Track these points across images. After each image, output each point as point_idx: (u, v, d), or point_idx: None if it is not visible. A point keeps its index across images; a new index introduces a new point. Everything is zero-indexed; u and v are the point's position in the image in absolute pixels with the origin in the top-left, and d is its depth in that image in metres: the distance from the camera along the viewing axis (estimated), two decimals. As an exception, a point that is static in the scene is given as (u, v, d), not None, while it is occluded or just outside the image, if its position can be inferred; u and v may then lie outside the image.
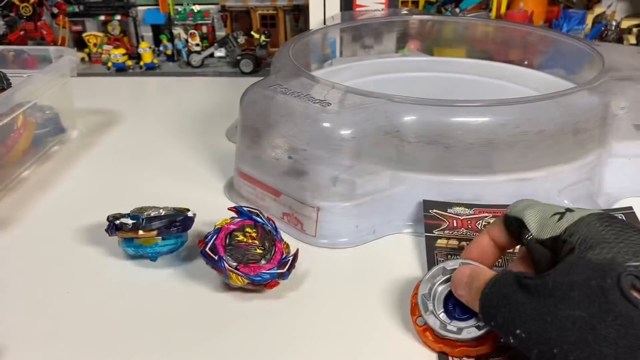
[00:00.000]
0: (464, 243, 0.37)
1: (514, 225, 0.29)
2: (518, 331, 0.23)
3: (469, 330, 0.28)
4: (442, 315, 0.29)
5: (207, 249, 0.33)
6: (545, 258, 0.27)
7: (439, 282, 0.30)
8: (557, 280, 0.23)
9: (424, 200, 0.40)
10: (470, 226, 0.38)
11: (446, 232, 0.38)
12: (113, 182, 0.50)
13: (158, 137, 0.58)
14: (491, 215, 0.39)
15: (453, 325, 0.29)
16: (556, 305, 0.22)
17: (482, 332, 0.28)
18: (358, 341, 0.31)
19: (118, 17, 0.84)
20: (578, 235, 0.25)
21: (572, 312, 0.22)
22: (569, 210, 0.27)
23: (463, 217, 0.39)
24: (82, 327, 0.32)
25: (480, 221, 0.39)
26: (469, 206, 0.39)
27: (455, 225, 0.39)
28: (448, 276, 0.30)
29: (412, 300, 0.31)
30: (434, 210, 0.39)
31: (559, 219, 0.27)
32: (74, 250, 0.39)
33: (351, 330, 0.32)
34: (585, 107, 0.40)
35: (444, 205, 0.40)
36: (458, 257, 0.33)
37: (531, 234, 0.28)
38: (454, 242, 0.37)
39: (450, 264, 0.30)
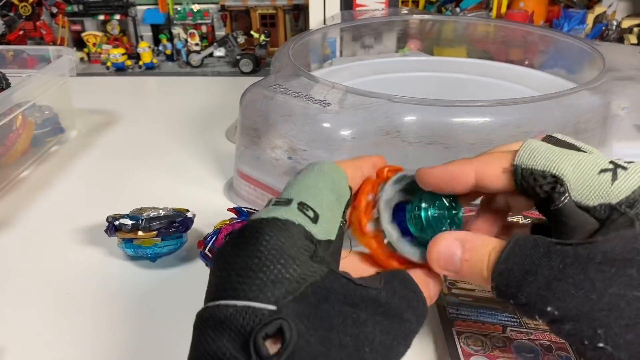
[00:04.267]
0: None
1: (526, 178, 0.22)
2: (549, 309, 0.19)
3: (422, 252, 0.23)
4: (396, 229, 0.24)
5: (206, 250, 0.33)
6: (586, 227, 0.21)
7: (397, 189, 0.25)
8: (609, 252, 0.19)
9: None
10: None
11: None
12: (112, 183, 0.49)
13: (157, 137, 0.58)
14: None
15: (407, 243, 0.24)
16: (606, 282, 0.19)
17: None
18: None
19: (117, 17, 0.83)
20: None
21: (627, 292, 0.18)
22: (618, 166, 0.21)
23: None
24: (82, 328, 0.32)
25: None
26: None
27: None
28: (406, 183, 0.25)
29: (360, 199, 0.24)
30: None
31: (613, 180, 0.20)
32: (73, 251, 0.39)
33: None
34: (586, 108, 0.40)
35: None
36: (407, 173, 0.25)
37: (568, 196, 0.21)
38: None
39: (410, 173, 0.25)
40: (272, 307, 0.17)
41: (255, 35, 0.80)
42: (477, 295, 0.32)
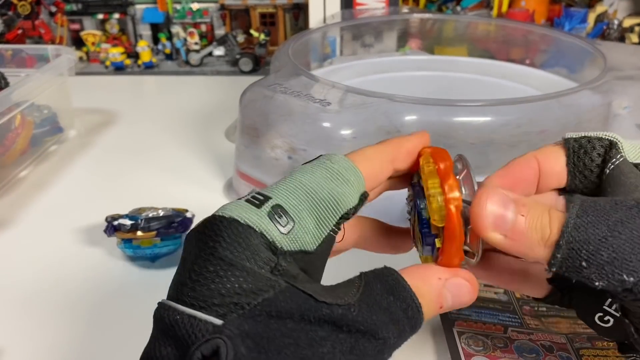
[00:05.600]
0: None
1: (578, 150, 0.21)
2: (632, 279, 0.16)
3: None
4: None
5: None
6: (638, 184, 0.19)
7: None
8: None
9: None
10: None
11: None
12: (111, 183, 0.49)
13: (157, 136, 0.58)
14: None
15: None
16: None
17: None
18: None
19: (116, 16, 0.83)
20: None
21: None
22: None
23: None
24: (81, 328, 0.32)
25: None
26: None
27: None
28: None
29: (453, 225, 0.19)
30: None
31: None
32: (72, 251, 0.39)
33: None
34: (587, 107, 0.40)
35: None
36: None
37: (623, 155, 0.21)
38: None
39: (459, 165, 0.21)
40: (218, 322, 0.15)
41: (255, 34, 0.80)
42: (479, 295, 0.32)
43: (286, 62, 0.46)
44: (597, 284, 0.17)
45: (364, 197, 0.20)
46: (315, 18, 0.68)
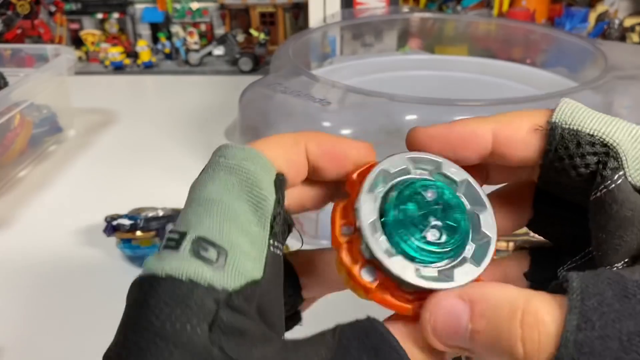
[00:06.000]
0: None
1: (567, 143, 0.15)
2: None
3: (462, 269, 0.15)
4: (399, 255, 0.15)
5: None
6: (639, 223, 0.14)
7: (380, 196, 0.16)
8: None
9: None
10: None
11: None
12: (110, 182, 0.49)
13: (156, 136, 0.58)
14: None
15: (431, 268, 0.15)
16: None
17: (482, 265, 0.15)
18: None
19: (116, 15, 0.83)
20: None
21: None
22: None
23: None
24: (80, 328, 0.32)
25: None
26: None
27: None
28: (391, 185, 0.16)
29: (335, 236, 0.16)
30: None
31: None
32: (71, 251, 0.39)
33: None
34: (588, 107, 0.40)
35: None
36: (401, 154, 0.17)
37: (623, 174, 0.14)
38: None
39: (396, 162, 0.16)
40: None
41: (255, 33, 0.80)
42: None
43: (286, 61, 0.46)
44: None
45: (279, 182, 0.15)
46: (315, 17, 0.68)
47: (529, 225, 0.18)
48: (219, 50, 0.81)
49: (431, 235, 0.15)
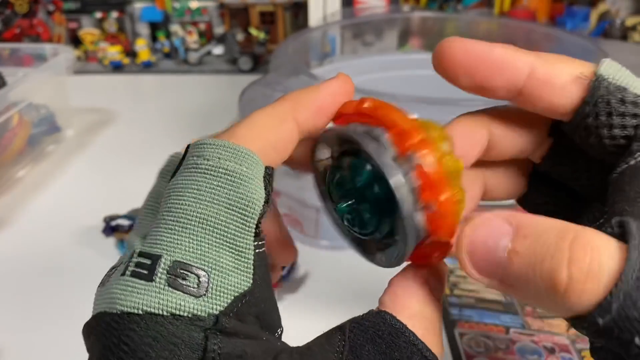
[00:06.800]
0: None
1: (609, 99, 0.14)
2: None
3: (389, 251, 0.15)
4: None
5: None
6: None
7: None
8: None
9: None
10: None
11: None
12: (109, 183, 0.49)
13: (155, 136, 0.58)
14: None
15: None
16: None
17: (407, 247, 0.14)
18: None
19: (115, 14, 0.83)
20: None
21: None
22: None
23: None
24: (79, 329, 0.32)
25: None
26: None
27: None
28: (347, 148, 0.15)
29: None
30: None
31: None
32: (70, 252, 0.39)
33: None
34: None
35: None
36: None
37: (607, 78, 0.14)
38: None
39: (358, 129, 0.14)
40: None
41: (254, 32, 0.80)
42: (480, 296, 0.32)
43: (286, 61, 0.46)
44: None
45: (269, 176, 0.14)
46: (315, 16, 0.67)
47: (520, 200, 0.18)
48: (218, 50, 0.81)
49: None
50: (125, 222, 0.35)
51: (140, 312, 0.12)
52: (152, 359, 0.11)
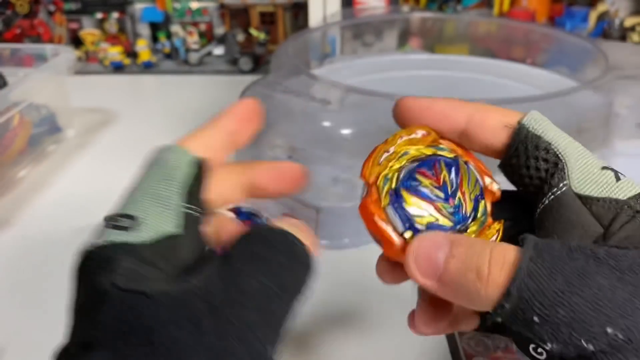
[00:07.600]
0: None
1: (529, 145, 0.18)
2: (610, 330, 0.14)
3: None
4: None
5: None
6: (587, 230, 0.17)
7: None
8: None
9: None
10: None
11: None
12: (110, 182, 0.49)
13: (156, 136, 0.58)
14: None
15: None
16: None
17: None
18: (360, 344, 0.30)
19: (115, 15, 0.83)
20: None
21: None
22: (614, 170, 0.18)
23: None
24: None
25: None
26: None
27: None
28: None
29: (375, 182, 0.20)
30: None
31: (617, 179, 0.17)
32: (70, 252, 0.39)
33: (353, 333, 0.31)
34: (588, 106, 0.40)
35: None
36: None
37: (567, 183, 0.17)
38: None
39: None
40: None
41: (255, 33, 0.80)
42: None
43: (286, 61, 0.46)
44: (549, 345, 0.14)
45: (199, 162, 0.20)
46: (315, 17, 0.68)
47: (501, 165, 0.20)
48: (218, 50, 0.81)
49: None
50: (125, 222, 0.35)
51: (103, 243, 0.17)
52: (91, 268, 0.17)
